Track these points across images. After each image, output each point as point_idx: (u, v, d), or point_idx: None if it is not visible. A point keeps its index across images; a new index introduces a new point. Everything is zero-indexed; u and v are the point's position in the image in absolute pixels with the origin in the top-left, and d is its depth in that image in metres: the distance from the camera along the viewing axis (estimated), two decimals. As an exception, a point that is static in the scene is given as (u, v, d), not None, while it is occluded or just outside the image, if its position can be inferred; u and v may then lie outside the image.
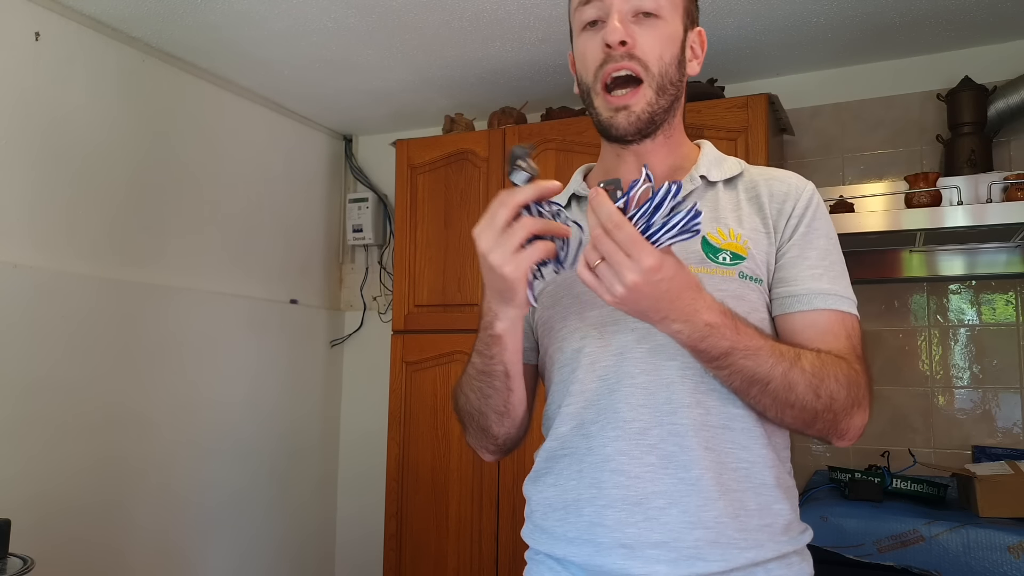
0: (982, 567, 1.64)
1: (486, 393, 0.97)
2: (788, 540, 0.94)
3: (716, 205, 1.00)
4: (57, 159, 2.14)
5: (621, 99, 0.95)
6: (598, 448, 0.94)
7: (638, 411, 0.92)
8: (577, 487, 0.95)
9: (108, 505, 2.22)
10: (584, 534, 0.93)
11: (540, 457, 1.03)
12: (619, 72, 0.95)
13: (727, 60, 2.48)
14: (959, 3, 2.11)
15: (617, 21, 0.93)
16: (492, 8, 2.17)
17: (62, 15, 2.15)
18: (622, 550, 0.90)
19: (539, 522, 1.01)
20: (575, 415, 0.97)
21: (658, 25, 0.96)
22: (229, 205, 2.69)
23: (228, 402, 2.66)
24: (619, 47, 0.93)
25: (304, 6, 2.16)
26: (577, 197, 1.08)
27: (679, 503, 0.89)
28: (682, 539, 0.89)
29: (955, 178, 2.18)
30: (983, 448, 2.24)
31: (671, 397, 0.92)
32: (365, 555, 3.09)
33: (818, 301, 0.94)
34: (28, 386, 2.02)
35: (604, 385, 0.95)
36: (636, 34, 0.94)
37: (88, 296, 2.19)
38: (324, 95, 2.86)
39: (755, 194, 1.00)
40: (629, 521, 0.90)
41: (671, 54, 0.97)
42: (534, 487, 1.03)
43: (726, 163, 1.04)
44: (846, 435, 0.92)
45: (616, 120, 0.96)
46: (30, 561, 1.53)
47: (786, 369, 0.85)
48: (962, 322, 2.34)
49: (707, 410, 0.91)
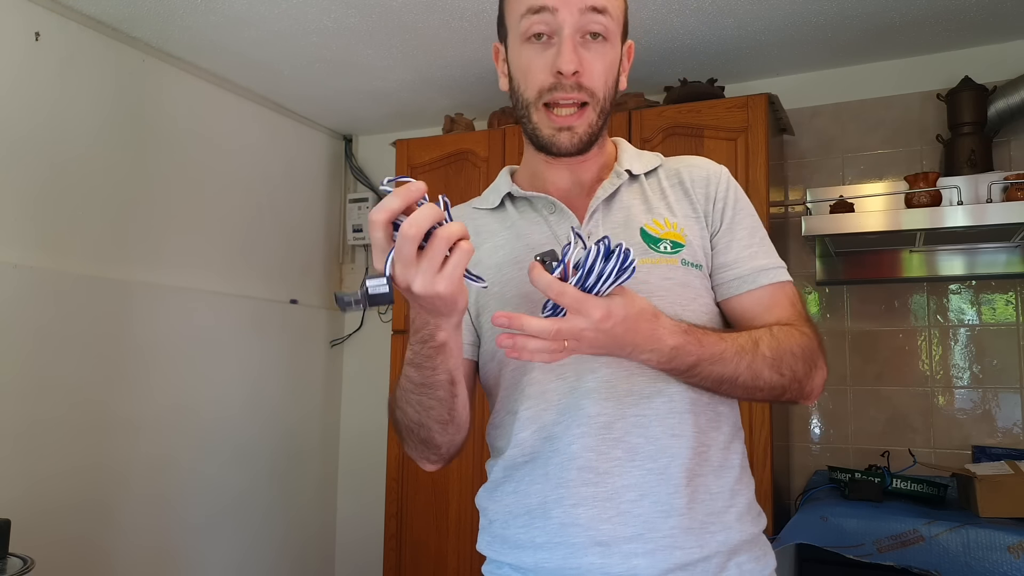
0: (982, 567, 1.64)
1: (427, 405, 0.90)
2: (752, 520, 0.96)
3: (645, 197, 1.02)
4: (57, 159, 2.14)
5: (565, 119, 0.95)
6: (563, 447, 0.92)
7: (602, 405, 0.92)
8: (543, 490, 0.93)
9: (108, 505, 2.22)
10: (555, 537, 0.91)
11: (497, 467, 0.99)
12: (568, 101, 0.95)
13: (727, 60, 2.48)
14: (959, 3, 2.11)
15: (571, 47, 0.92)
16: (492, 8, 2.17)
17: (62, 15, 2.15)
18: (598, 548, 0.89)
19: (499, 532, 0.98)
20: (535, 418, 0.94)
21: (605, 49, 0.96)
22: (229, 205, 2.69)
23: (228, 402, 2.66)
24: (571, 77, 0.93)
25: (304, 6, 2.16)
26: (512, 197, 1.06)
27: (650, 494, 0.90)
28: (657, 529, 0.89)
29: (955, 178, 2.18)
30: (983, 448, 2.24)
31: (632, 388, 0.92)
32: (365, 555, 3.09)
33: (761, 278, 0.98)
34: (28, 386, 2.02)
35: (564, 384, 0.94)
36: (585, 60, 0.94)
37: (88, 296, 2.19)
38: (324, 95, 2.86)
39: (678, 180, 1.03)
40: (603, 517, 0.90)
41: (613, 77, 0.98)
42: (490, 497, 1.00)
43: (645, 156, 1.07)
44: (811, 395, 0.97)
45: (559, 139, 0.96)
46: (30, 561, 1.53)
47: (750, 361, 0.89)
48: (962, 322, 2.34)
49: (669, 398, 0.92)
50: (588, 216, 0.99)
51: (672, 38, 2.33)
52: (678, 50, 2.41)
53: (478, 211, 1.08)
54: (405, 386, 0.91)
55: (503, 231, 1.04)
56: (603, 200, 1.00)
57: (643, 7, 2.12)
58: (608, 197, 1.00)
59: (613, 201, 1.01)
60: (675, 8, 2.15)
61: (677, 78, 2.54)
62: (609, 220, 0.99)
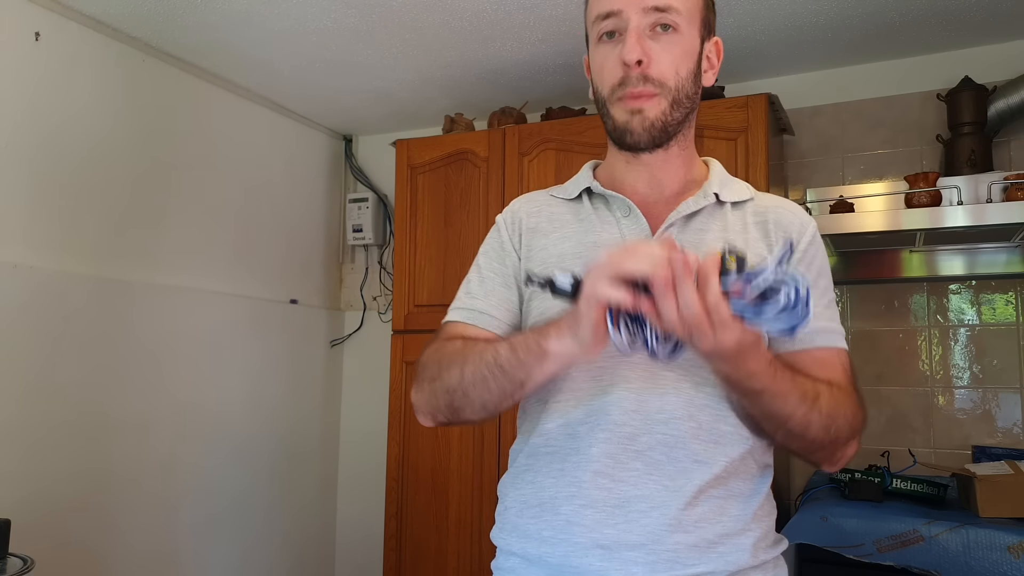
0: (982, 567, 1.64)
1: (488, 387, 0.90)
2: (765, 548, 0.95)
3: (725, 225, 1.01)
4: (57, 159, 2.14)
5: (636, 102, 0.96)
6: (584, 448, 0.93)
7: (630, 416, 0.92)
8: (556, 484, 0.94)
9: (108, 505, 2.22)
10: (560, 533, 0.93)
11: (521, 454, 1.01)
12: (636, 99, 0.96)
13: (727, 60, 2.46)
14: (959, 3, 2.11)
15: (634, 39, 0.94)
16: (492, 8, 2.17)
17: (62, 15, 2.15)
18: (599, 551, 0.90)
19: (513, 519, 0.99)
20: (563, 412, 0.96)
21: (675, 40, 0.96)
22: (229, 205, 2.69)
23: (228, 402, 2.66)
24: (636, 67, 0.94)
25: (304, 6, 2.16)
26: (591, 192, 1.06)
27: (660, 507, 0.90)
28: (661, 542, 0.89)
29: (955, 178, 2.18)
30: (983, 448, 2.24)
31: (664, 407, 0.92)
32: (365, 555, 3.09)
33: (819, 339, 0.97)
34: (28, 386, 2.02)
35: (597, 386, 0.94)
36: (653, 51, 0.94)
37: (88, 296, 2.19)
38: (324, 95, 2.86)
39: (763, 219, 1.02)
40: (608, 522, 0.90)
41: (687, 69, 0.97)
42: (512, 485, 1.02)
43: (735, 185, 1.05)
44: (838, 463, 0.95)
45: (632, 124, 0.96)
46: (30, 561, 1.53)
47: (806, 411, 0.87)
48: (962, 322, 2.34)
49: (699, 424, 0.93)
50: (664, 227, 0.99)
51: (672, 38, 2.33)
52: (678, 50, 2.41)
53: (555, 199, 1.08)
54: (485, 355, 0.91)
55: (574, 223, 1.04)
56: (683, 216, 0.99)
57: (643, 7, 2.12)
58: (689, 214, 1.00)
59: (692, 220, 1.00)
60: (675, 8, 2.15)
61: (677, 78, 2.54)
62: (682, 238, 0.99)
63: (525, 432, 1.02)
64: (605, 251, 0.79)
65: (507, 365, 0.88)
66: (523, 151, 2.49)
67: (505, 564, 1.01)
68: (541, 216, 1.07)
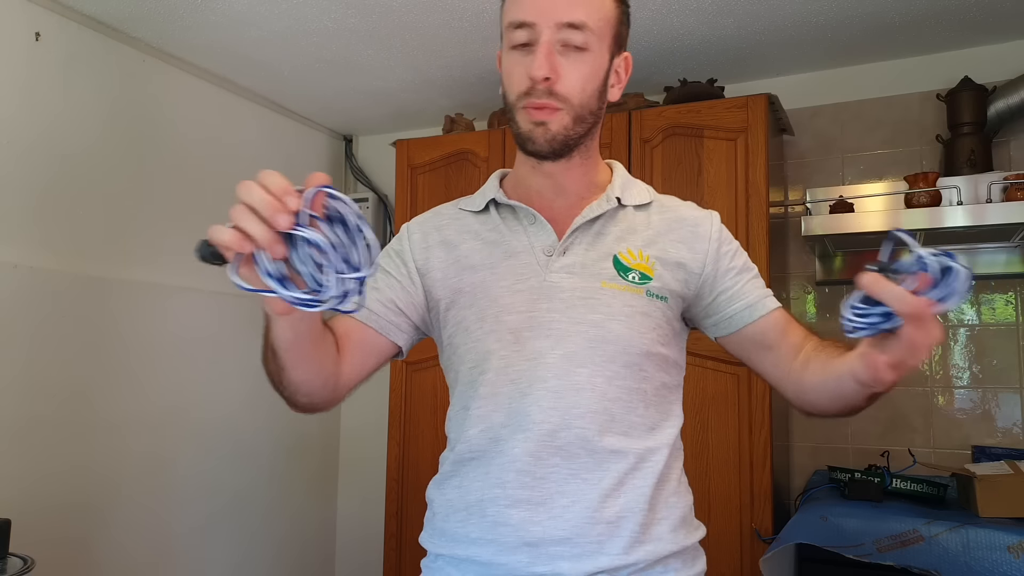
0: (982, 567, 1.64)
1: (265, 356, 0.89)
2: (685, 534, 1.00)
3: (629, 227, 1.05)
4: (57, 159, 2.14)
5: (539, 114, 0.98)
6: (507, 450, 0.96)
7: (548, 414, 0.95)
8: (482, 487, 0.98)
9: (108, 505, 2.22)
10: (487, 534, 0.96)
11: (448, 460, 1.04)
12: (539, 109, 0.97)
13: (727, 60, 2.48)
14: (959, 3, 2.12)
15: (543, 55, 0.95)
16: (492, 8, 2.17)
17: (62, 15, 2.15)
18: (527, 548, 0.94)
19: (440, 524, 1.03)
20: (484, 417, 0.99)
21: (584, 58, 0.98)
22: (229, 205, 2.68)
23: (228, 402, 2.66)
24: (543, 82, 0.96)
25: (304, 6, 2.16)
26: (496, 203, 1.08)
27: (581, 501, 0.94)
28: (585, 534, 0.93)
29: (955, 178, 2.19)
30: (983, 448, 2.24)
31: (579, 402, 0.96)
32: (365, 555, 3.09)
33: (769, 303, 1.05)
34: (28, 386, 2.02)
35: (516, 389, 0.97)
36: (561, 67, 0.96)
37: (88, 296, 2.19)
38: (324, 95, 2.86)
39: (669, 217, 1.07)
40: (534, 520, 0.94)
41: (593, 87, 0.99)
42: (438, 490, 1.05)
43: (636, 187, 1.10)
44: None
45: (534, 134, 0.98)
46: (30, 561, 1.53)
47: None
48: (962, 322, 2.34)
49: (612, 416, 0.97)
50: (568, 233, 1.03)
51: (672, 38, 2.33)
52: (678, 50, 2.42)
53: (463, 212, 1.12)
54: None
55: (484, 233, 1.07)
56: (587, 219, 1.03)
57: (643, 7, 2.12)
58: (592, 218, 1.03)
59: (595, 224, 1.04)
60: (675, 8, 2.15)
61: (677, 78, 2.54)
62: (586, 241, 1.03)
63: (452, 440, 1.05)
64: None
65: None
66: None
67: (433, 564, 1.04)
68: (450, 229, 1.10)
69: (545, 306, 0.99)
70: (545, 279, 1.00)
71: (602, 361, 0.97)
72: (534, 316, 0.98)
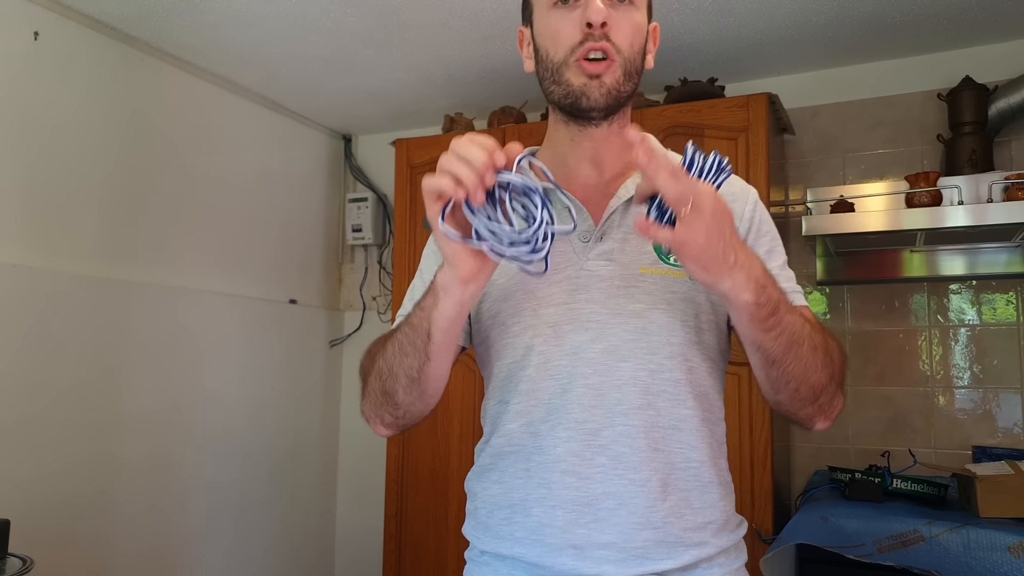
0: (982, 567, 1.64)
1: (404, 350, 0.90)
2: (728, 535, 0.98)
3: None
4: (56, 159, 2.14)
5: (596, 66, 0.94)
6: (548, 448, 0.94)
7: (590, 412, 0.93)
8: (525, 486, 0.95)
9: (107, 505, 2.22)
10: (532, 535, 0.94)
11: (485, 453, 1.03)
12: (597, 52, 0.94)
13: (727, 59, 2.48)
14: (959, 3, 2.11)
15: (600, 2, 0.93)
16: (492, 8, 2.16)
17: (61, 15, 2.14)
18: (572, 551, 0.92)
19: (484, 520, 1.02)
20: (524, 412, 0.96)
21: (631, 12, 0.97)
22: (228, 205, 2.69)
23: (227, 402, 2.66)
24: (600, 28, 0.93)
25: (304, 6, 2.15)
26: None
27: (628, 504, 0.91)
28: (631, 540, 0.91)
29: (956, 178, 2.18)
30: (983, 448, 2.24)
31: (623, 398, 0.93)
32: (365, 555, 3.09)
33: (795, 298, 0.97)
34: (27, 386, 2.02)
35: (556, 384, 0.95)
36: (612, 17, 0.95)
37: (87, 296, 2.18)
38: (323, 94, 2.86)
39: None
40: (579, 522, 0.92)
41: (639, 43, 0.98)
42: (478, 483, 1.03)
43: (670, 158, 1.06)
44: (832, 414, 0.94)
45: (589, 88, 0.95)
46: (30, 561, 1.53)
47: (810, 330, 0.87)
48: (962, 322, 2.33)
49: (657, 411, 0.93)
50: (605, 217, 0.98)
51: (672, 37, 2.33)
52: (678, 49, 2.41)
53: None
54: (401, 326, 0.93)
55: None
56: (623, 201, 0.99)
57: (643, 6, 2.12)
58: (628, 199, 0.99)
59: (631, 205, 0.99)
60: (675, 7, 2.15)
61: (677, 77, 2.54)
62: (625, 224, 0.98)
63: (488, 433, 1.03)
64: None
65: (414, 319, 0.89)
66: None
67: (480, 559, 1.04)
68: None
69: (584, 296, 0.95)
70: (583, 268, 0.96)
71: (645, 354, 0.93)
72: (572, 308, 0.95)
